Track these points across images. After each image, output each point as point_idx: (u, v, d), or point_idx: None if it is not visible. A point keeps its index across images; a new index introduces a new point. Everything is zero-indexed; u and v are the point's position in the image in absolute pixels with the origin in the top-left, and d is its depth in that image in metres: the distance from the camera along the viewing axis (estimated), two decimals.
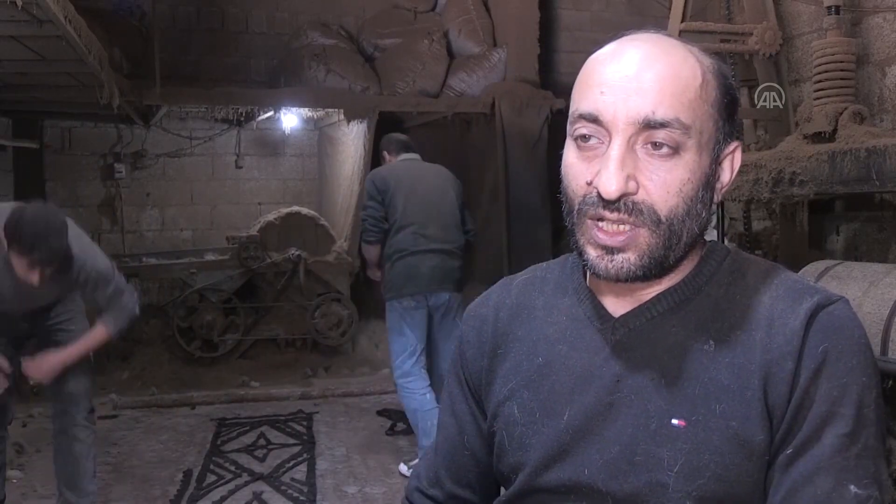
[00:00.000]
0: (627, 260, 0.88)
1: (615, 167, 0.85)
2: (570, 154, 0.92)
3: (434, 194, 4.03)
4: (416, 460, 3.88)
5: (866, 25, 3.93)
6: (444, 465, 1.12)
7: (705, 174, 0.90)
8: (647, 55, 0.88)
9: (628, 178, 0.86)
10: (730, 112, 0.92)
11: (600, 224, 0.88)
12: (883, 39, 3.87)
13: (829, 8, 3.66)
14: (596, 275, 0.92)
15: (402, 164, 4.16)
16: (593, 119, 0.88)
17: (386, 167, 4.16)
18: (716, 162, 0.92)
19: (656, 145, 0.86)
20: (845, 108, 3.41)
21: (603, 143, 0.88)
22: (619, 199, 0.86)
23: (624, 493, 0.90)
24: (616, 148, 0.86)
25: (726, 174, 0.94)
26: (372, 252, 4.09)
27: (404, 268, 3.91)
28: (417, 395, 3.84)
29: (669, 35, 0.93)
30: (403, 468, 3.96)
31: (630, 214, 0.87)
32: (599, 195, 0.87)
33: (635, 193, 0.87)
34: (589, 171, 0.89)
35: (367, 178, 4.11)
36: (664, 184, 0.87)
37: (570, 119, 0.92)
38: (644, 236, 0.88)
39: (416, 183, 4.01)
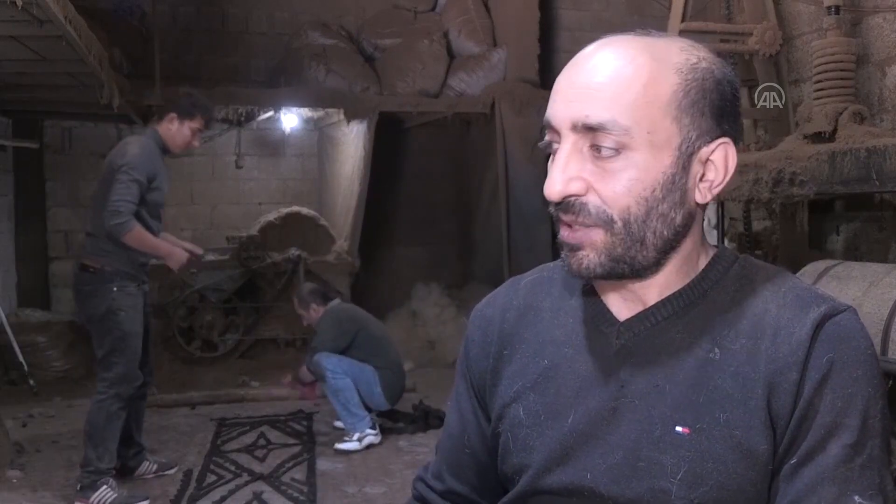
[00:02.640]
0: (587, 257, 0.90)
1: (556, 170, 0.89)
2: (549, 161, 0.95)
3: (376, 323, 4.88)
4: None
5: (866, 25, 3.93)
6: (445, 460, 1.13)
7: (666, 174, 0.88)
8: (596, 61, 0.90)
9: (573, 179, 0.88)
10: (705, 110, 0.90)
11: (563, 225, 0.92)
12: (883, 39, 3.87)
13: (829, 8, 3.66)
14: (567, 273, 0.94)
15: (342, 306, 4.80)
16: (548, 125, 0.92)
17: (340, 313, 4.66)
18: (686, 161, 0.90)
19: (599, 147, 0.88)
20: (845, 108, 3.41)
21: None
22: (563, 201, 0.89)
23: (626, 498, 0.90)
24: (561, 152, 0.90)
25: (718, 173, 0.92)
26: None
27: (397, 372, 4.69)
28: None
29: (646, 34, 0.93)
30: (339, 423, 4.57)
31: (577, 215, 0.89)
32: None
33: (584, 195, 0.89)
34: None
35: (329, 320, 4.57)
36: (610, 185, 0.88)
37: None
38: (598, 235, 0.89)
39: (365, 320, 4.74)
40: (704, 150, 0.91)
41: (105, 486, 3.41)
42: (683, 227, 0.92)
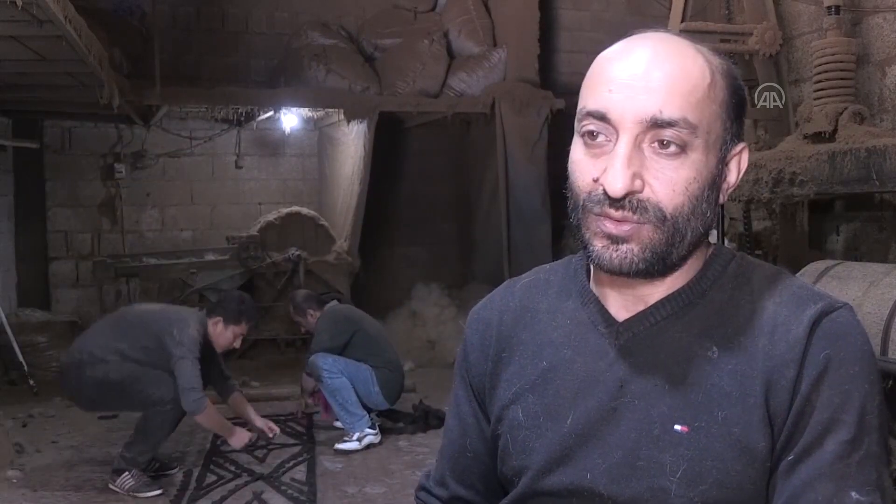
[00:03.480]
0: (631, 251, 0.88)
1: (622, 165, 0.86)
2: (578, 151, 0.92)
3: (372, 323, 4.83)
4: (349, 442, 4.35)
5: (866, 25, 3.94)
6: (448, 466, 1.12)
7: (711, 174, 0.90)
8: (657, 54, 0.88)
9: (634, 175, 0.86)
10: (738, 113, 0.92)
11: (604, 218, 0.89)
12: (883, 39, 3.87)
13: (829, 8, 3.66)
14: (600, 266, 0.92)
15: (338, 307, 4.80)
16: (601, 117, 0.88)
17: (336, 314, 4.67)
18: (722, 162, 0.92)
19: (663, 144, 0.86)
20: (845, 108, 3.41)
21: (610, 140, 0.88)
22: (624, 198, 0.86)
23: (625, 497, 0.90)
24: (623, 146, 0.86)
25: (733, 175, 0.94)
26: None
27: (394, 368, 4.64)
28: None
29: (679, 34, 0.93)
30: (339, 423, 4.50)
31: (634, 212, 0.87)
32: (605, 192, 0.87)
33: (641, 191, 0.87)
34: (596, 167, 0.89)
35: (326, 322, 4.54)
36: (670, 182, 0.87)
37: (577, 116, 0.92)
38: (647, 231, 0.88)
39: (362, 319, 4.73)
40: (731, 153, 0.93)
41: (127, 474, 3.65)
42: (711, 225, 0.93)
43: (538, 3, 6.91)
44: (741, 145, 0.94)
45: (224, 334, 3.91)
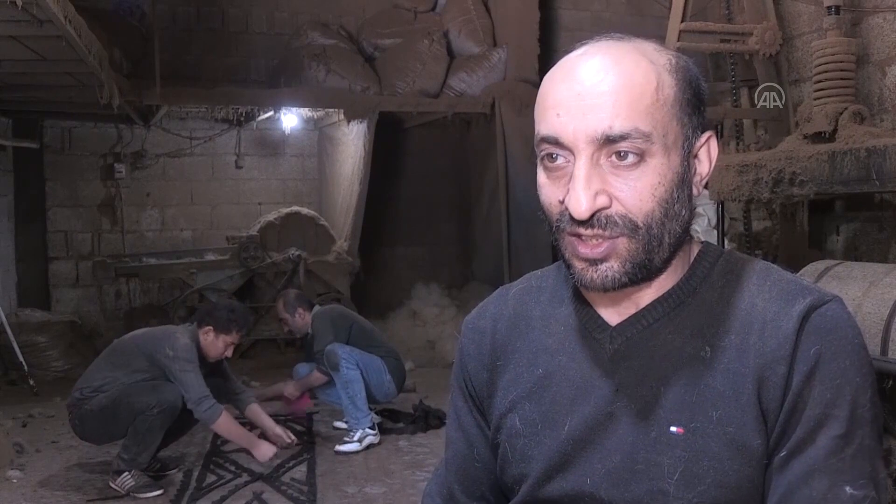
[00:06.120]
0: (611, 268, 0.89)
1: (581, 188, 0.86)
2: (541, 175, 0.93)
3: (362, 318, 4.99)
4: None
5: (866, 25, 3.94)
6: (456, 479, 1.11)
7: (677, 173, 0.89)
8: (598, 69, 0.87)
9: (598, 193, 0.86)
10: (695, 106, 0.92)
11: (580, 238, 0.89)
12: (883, 39, 3.87)
13: (829, 8, 3.66)
14: (584, 287, 0.92)
15: (327, 307, 4.88)
16: (554, 141, 0.89)
17: (330, 312, 4.75)
18: (688, 158, 0.91)
19: (621, 156, 0.86)
20: (845, 108, 3.41)
21: (569, 161, 0.89)
22: (591, 217, 0.86)
23: (625, 501, 0.90)
24: (580, 168, 0.87)
25: (704, 165, 0.94)
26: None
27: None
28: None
29: (621, 38, 0.92)
30: (339, 424, 4.66)
31: (605, 228, 0.87)
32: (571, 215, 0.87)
33: (608, 207, 0.87)
34: (559, 190, 0.90)
35: (323, 320, 4.58)
36: (636, 192, 0.87)
37: (535, 140, 0.93)
38: (623, 244, 0.88)
39: (353, 314, 4.90)
40: (697, 145, 0.93)
41: (127, 473, 3.67)
42: (689, 223, 0.92)
43: (538, 3, 6.91)
44: (706, 134, 0.93)
45: (215, 344, 3.88)
